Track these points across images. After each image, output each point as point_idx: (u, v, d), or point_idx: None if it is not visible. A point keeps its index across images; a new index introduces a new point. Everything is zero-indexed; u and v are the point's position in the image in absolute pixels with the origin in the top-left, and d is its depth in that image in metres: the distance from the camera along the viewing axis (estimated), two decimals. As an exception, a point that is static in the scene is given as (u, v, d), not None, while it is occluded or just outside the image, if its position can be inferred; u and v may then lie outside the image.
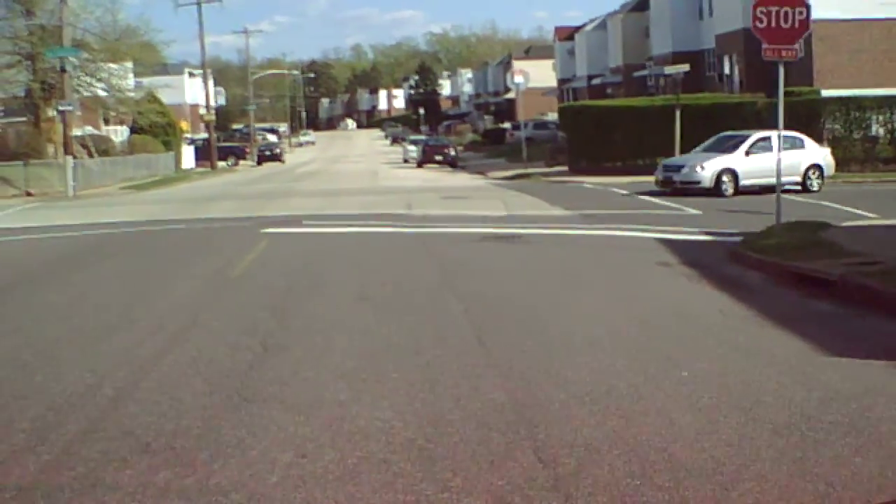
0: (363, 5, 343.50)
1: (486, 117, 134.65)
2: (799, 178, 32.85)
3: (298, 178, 58.74)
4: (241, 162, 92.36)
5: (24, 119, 59.53)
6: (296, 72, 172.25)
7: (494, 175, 53.35)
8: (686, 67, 44.38)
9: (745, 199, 29.79)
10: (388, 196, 35.22)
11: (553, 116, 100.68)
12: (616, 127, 46.34)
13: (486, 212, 27.48)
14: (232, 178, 63.90)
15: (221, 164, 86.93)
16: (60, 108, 47.12)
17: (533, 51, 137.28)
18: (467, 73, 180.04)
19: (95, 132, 76.55)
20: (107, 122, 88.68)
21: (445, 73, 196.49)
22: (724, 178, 32.12)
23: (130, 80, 73.22)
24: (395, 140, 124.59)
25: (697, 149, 35.50)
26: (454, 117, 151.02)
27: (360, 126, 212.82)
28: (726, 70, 59.99)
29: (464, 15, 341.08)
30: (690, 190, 31.93)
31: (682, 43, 67.88)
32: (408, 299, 13.23)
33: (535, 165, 52.52)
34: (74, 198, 45.74)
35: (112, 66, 58.53)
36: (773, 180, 27.74)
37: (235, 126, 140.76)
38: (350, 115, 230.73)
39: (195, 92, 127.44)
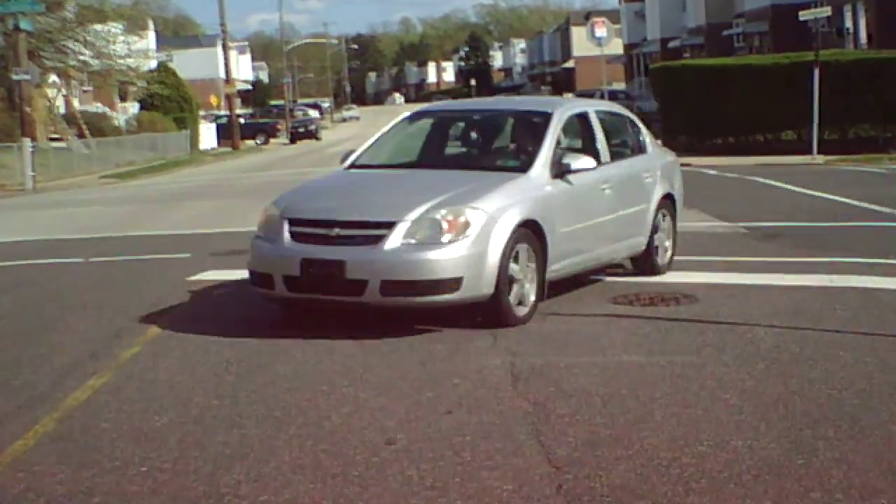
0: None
1: (542, 88, 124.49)
2: (644, 239, 11.88)
3: (324, 160, 48.26)
4: (273, 140, 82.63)
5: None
6: (334, 41, 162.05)
7: (567, 155, 42.74)
8: (828, 11, 33.51)
9: None
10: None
11: (620, 86, 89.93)
12: (727, 92, 35.58)
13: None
14: (248, 161, 53.75)
15: (250, 142, 77.44)
16: (15, 77, 37.09)
17: (594, 15, 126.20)
18: (520, 44, 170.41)
19: (101, 109, 67.05)
20: (123, 97, 79.31)
21: (497, 45, 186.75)
22: (518, 265, 9.35)
23: (146, 44, 63.40)
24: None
25: (361, 153, 11.35)
26: (507, 90, 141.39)
27: (408, 100, 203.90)
28: (847, 23, 48.82)
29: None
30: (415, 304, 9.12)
31: (784, -7, 56.81)
32: None
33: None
34: (33, 191, 35.86)
35: (97, 27, 48.28)
36: (608, 250, 11.23)
37: (274, 102, 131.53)
38: (398, 90, 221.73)
39: (231, 66, 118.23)
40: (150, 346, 9.03)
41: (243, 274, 12.57)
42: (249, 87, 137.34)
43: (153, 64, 70.11)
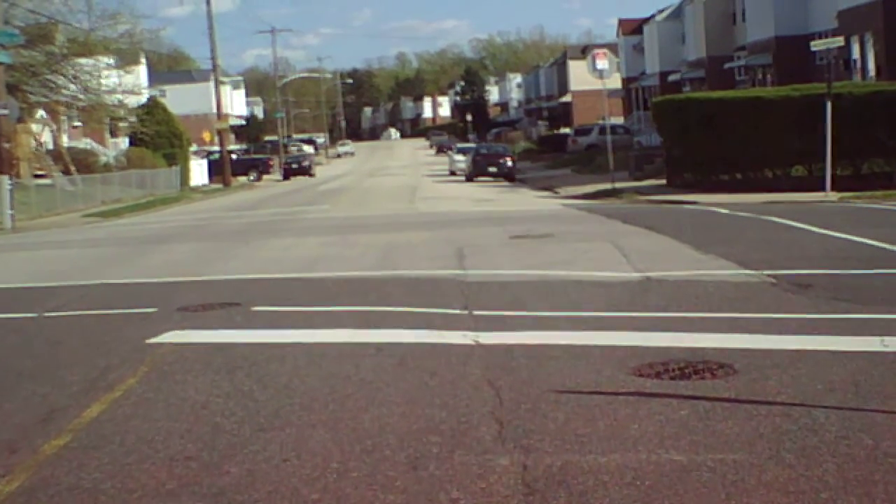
0: (407, 16, 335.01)
1: (539, 123, 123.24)
2: None
3: (317, 197, 46.96)
4: (266, 176, 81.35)
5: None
6: (328, 75, 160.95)
7: (568, 191, 41.33)
8: (840, 42, 32.13)
9: None
10: (426, 232, 23.22)
11: (618, 120, 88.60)
12: (734, 126, 34.19)
13: (597, 271, 15.31)
14: (238, 199, 52.23)
15: (242, 178, 76.14)
16: (-7, 111, 35.59)
17: (590, 50, 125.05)
18: (516, 78, 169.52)
19: (90, 145, 65.74)
20: (114, 133, 78.10)
21: (493, 79, 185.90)
22: None
23: (134, 78, 62.07)
24: (441, 149, 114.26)
25: None
26: (503, 124, 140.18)
27: (403, 135, 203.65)
28: (855, 54, 47.46)
29: (509, 23, 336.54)
30: None
31: (788, 26, 55.71)
32: None
33: (617, 178, 40.31)
34: (11, 231, 34.41)
35: (82, 60, 46.86)
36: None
37: (268, 137, 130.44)
38: (393, 125, 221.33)
39: (225, 100, 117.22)
40: (83, 434, 7.46)
41: (209, 336, 11.07)
42: (243, 122, 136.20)
43: (144, 99, 68.88)
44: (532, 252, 18.16)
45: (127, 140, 70.21)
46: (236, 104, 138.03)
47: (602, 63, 37.56)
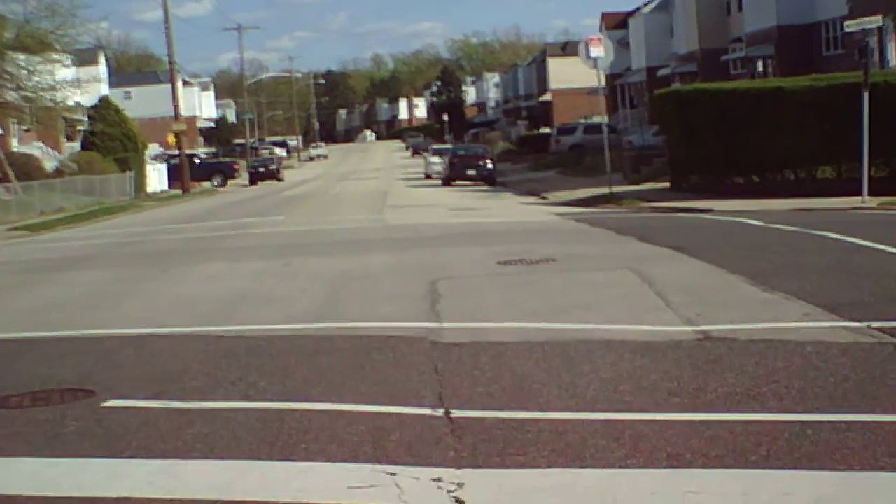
0: (383, 19, 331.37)
1: (518, 123, 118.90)
2: None
3: (277, 205, 42.35)
4: (232, 181, 76.78)
5: None
6: (299, 74, 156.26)
7: (558, 197, 36.77)
8: (879, 21, 27.64)
9: None
10: (390, 255, 18.51)
11: (602, 119, 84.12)
12: (750, 122, 29.70)
13: (629, 323, 10.59)
14: (191, 207, 47.54)
15: (206, 184, 71.55)
16: None
17: (570, 47, 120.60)
18: (493, 78, 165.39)
19: (46, 150, 61.09)
20: (70, 137, 73.44)
21: (469, 80, 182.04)
22: None
23: (68, 74, 57.26)
24: (417, 151, 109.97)
25: None
26: (481, 125, 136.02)
27: (379, 137, 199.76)
28: (871, 42, 42.98)
29: (485, 24, 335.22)
30: None
31: (791, 14, 51.55)
32: None
33: (612, 181, 35.60)
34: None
35: (14, 55, 42.10)
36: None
37: (238, 140, 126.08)
38: (369, 127, 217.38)
39: (192, 102, 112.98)
40: None
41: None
42: (212, 124, 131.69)
43: (97, 99, 64.27)
44: (531, 288, 13.43)
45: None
46: (205, 106, 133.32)
47: (597, 50, 32.82)
